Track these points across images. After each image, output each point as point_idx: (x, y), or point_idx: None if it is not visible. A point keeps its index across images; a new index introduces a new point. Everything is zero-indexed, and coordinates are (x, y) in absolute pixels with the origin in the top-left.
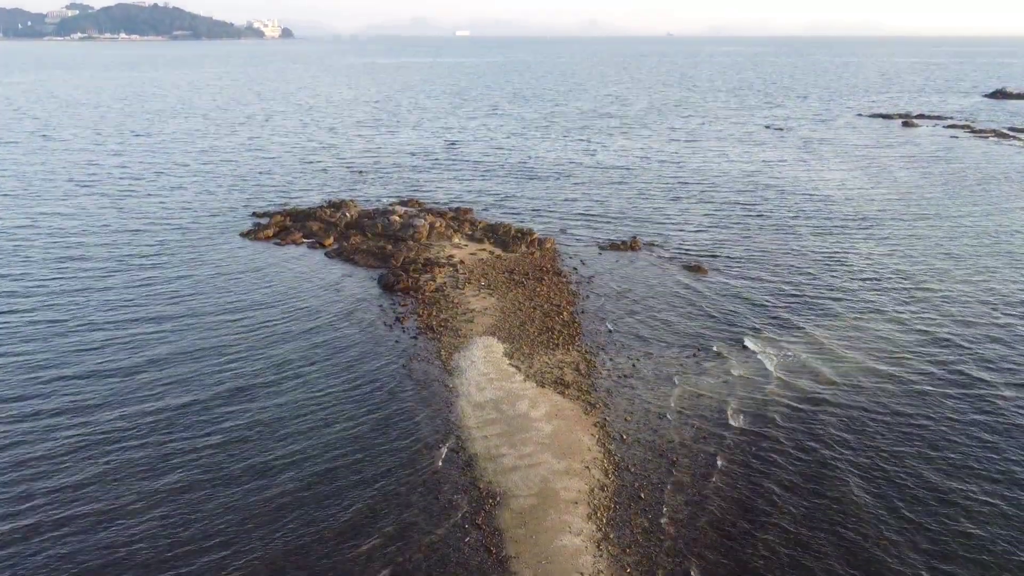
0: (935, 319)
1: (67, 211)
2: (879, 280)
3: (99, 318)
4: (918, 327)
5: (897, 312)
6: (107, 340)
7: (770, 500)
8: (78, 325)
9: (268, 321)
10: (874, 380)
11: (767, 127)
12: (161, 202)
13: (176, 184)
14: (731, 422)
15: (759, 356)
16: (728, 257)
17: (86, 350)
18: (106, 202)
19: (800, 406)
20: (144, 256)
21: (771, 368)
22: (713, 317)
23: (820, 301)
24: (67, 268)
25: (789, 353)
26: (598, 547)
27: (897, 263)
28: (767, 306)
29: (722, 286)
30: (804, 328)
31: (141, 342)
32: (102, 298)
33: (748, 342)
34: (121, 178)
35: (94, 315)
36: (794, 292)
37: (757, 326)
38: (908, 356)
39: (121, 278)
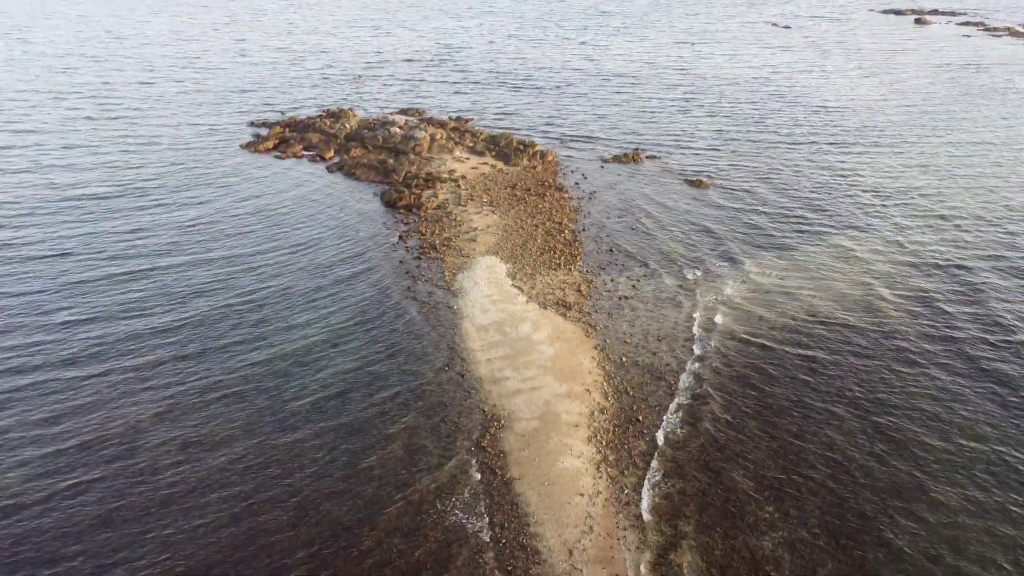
0: (932, 247)
1: (55, 130)
2: (884, 201)
3: (117, 261)
4: (915, 253)
5: (897, 236)
6: (122, 280)
7: (763, 422)
8: (98, 270)
9: (275, 243)
10: (868, 304)
11: (774, 25)
12: (155, 117)
13: (168, 95)
14: (727, 345)
15: (757, 276)
16: (731, 172)
17: (101, 294)
18: (97, 121)
19: (797, 327)
20: (147, 180)
21: (768, 289)
22: (713, 236)
23: (821, 221)
24: (68, 200)
25: (786, 274)
26: (597, 469)
27: (904, 183)
28: (767, 225)
29: (723, 203)
30: (802, 248)
31: (154, 276)
32: (113, 238)
33: (746, 262)
34: (108, 92)
35: (108, 254)
36: (796, 211)
37: (756, 245)
38: (904, 278)
39: (125, 214)
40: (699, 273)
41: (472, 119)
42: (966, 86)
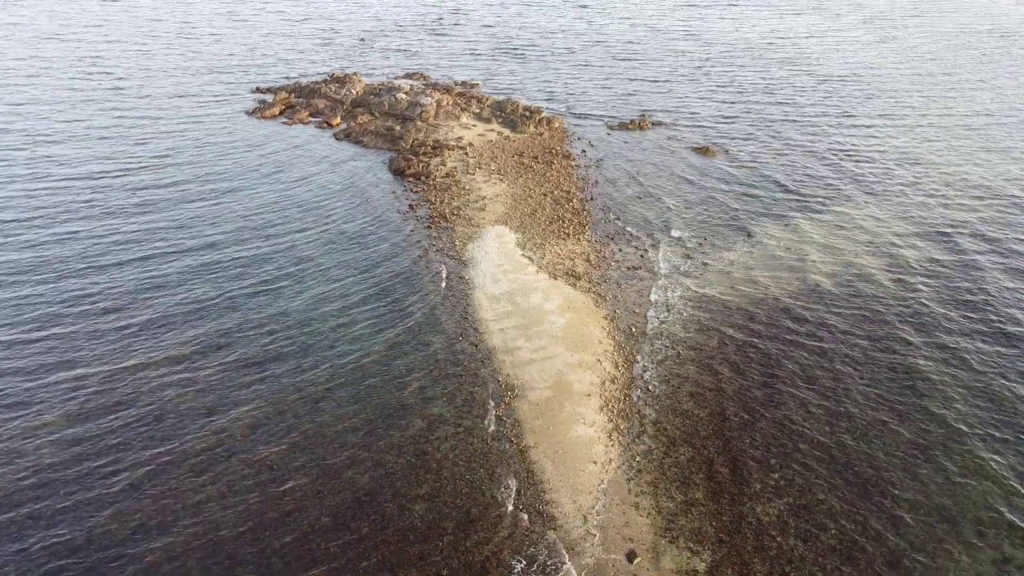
0: (932, 218)
1: (51, 107)
2: (888, 175)
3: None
4: (921, 225)
5: (901, 209)
6: (133, 251)
7: (770, 391)
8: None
9: (286, 214)
10: (878, 271)
11: None
12: (155, 86)
13: (165, 62)
14: (735, 314)
15: (765, 245)
16: (738, 139)
17: (116, 260)
18: (96, 93)
19: (805, 296)
20: (159, 156)
21: (777, 257)
22: (721, 204)
23: (825, 191)
24: (77, 176)
25: (794, 242)
26: (609, 437)
27: (913, 156)
28: (775, 193)
29: (729, 171)
30: (809, 217)
31: (164, 245)
32: (127, 211)
33: (752, 231)
34: (102, 60)
35: (121, 236)
36: (800, 180)
37: (764, 214)
38: (905, 247)
39: (139, 197)
40: (707, 242)
41: (478, 83)
42: (985, 53)
